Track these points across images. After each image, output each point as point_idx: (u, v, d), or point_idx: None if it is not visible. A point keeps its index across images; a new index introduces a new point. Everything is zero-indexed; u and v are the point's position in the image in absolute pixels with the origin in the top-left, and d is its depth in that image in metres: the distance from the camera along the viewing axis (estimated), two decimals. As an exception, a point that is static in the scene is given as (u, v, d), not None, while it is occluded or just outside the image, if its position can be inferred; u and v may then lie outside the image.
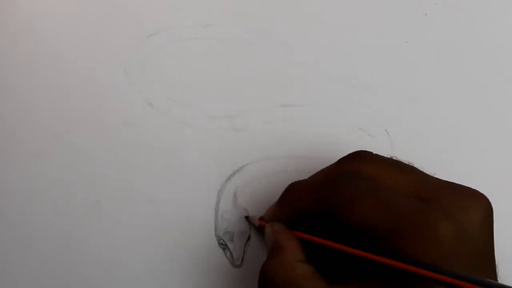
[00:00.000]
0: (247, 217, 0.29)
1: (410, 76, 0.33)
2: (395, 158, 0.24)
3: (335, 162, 0.25)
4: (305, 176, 0.27)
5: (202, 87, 0.32)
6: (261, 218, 0.27)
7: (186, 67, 0.32)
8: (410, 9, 0.34)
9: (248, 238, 0.29)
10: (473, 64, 0.33)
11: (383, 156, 0.24)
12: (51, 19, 0.33)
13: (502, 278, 0.22)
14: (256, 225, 0.28)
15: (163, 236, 0.29)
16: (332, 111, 0.32)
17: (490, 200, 0.23)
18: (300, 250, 0.23)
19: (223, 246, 0.29)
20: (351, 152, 0.24)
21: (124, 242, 0.29)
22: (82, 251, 0.29)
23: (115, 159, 0.30)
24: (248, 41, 0.33)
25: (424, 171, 0.23)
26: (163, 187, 0.30)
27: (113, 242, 0.29)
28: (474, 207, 0.21)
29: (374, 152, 0.24)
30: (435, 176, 0.23)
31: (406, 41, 0.33)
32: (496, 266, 0.22)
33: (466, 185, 0.22)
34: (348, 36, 0.33)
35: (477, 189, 0.22)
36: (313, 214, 0.23)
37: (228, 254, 0.28)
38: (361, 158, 0.24)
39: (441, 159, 0.31)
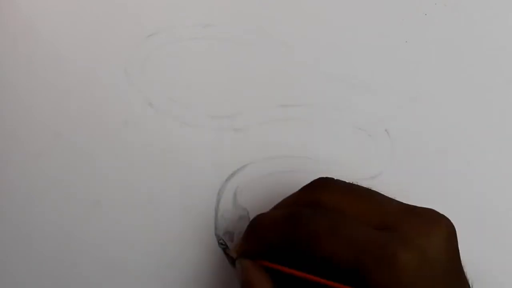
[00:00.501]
0: (224, 249, 0.28)
1: (410, 76, 0.33)
2: (355, 183, 0.24)
3: (299, 190, 0.25)
4: (305, 175, 0.27)
5: (202, 87, 0.32)
6: (220, 243, 0.27)
7: (186, 67, 0.32)
8: (410, 9, 0.34)
9: (248, 238, 0.29)
10: (473, 64, 0.33)
11: (344, 183, 0.24)
12: (51, 19, 0.33)
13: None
14: (233, 257, 0.27)
15: (163, 236, 0.29)
16: (332, 111, 0.32)
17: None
18: (269, 287, 0.23)
19: (223, 246, 0.29)
20: (312, 180, 0.25)
21: (124, 242, 0.29)
22: (82, 251, 0.29)
23: (115, 159, 0.30)
24: (248, 41, 0.33)
25: (384, 194, 0.24)
26: (163, 187, 0.30)
27: (113, 242, 0.29)
28: (435, 231, 0.21)
29: (335, 178, 0.24)
30: (396, 199, 0.23)
31: (406, 41, 0.33)
32: (471, 283, 0.22)
33: (426, 207, 0.22)
34: (348, 36, 0.33)
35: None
36: (281, 247, 0.23)
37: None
38: (322, 186, 0.24)
39: (441, 159, 0.31)
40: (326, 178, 0.25)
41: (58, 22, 0.33)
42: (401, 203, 0.23)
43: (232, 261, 0.28)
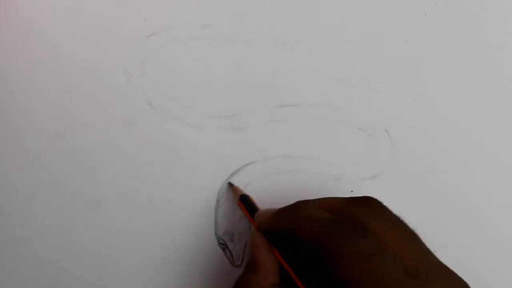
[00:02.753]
0: (231, 185, 0.28)
1: (410, 76, 0.33)
2: (401, 218, 0.24)
3: (346, 198, 0.24)
4: (304, 176, 0.27)
5: (202, 87, 0.32)
6: (241, 197, 0.27)
7: (186, 67, 0.32)
8: (410, 9, 0.34)
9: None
10: (473, 64, 0.33)
11: (392, 213, 0.24)
12: (51, 19, 0.33)
13: None
14: (235, 198, 0.27)
15: (163, 236, 0.29)
16: (332, 111, 0.32)
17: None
18: (275, 272, 0.23)
19: (223, 246, 0.29)
20: (363, 196, 0.24)
21: (124, 242, 0.29)
22: (82, 251, 0.29)
23: (115, 159, 0.30)
24: (248, 41, 0.33)
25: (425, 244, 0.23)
26: (163, 187, 0.30)
27: (113, 242, 0.29)
28: None
29: (383, 204, 0.24)
30: (435, 253, 0.23)
31: (406, 41, 0.33)
32: None
33: (458, 275, 0.22)
34: (348, 36, 0.33)
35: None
36: (303, 244, 0.23)
37: (228, 254, 0.28)
38: (369, 208, 0.23)
39: (441, 159, 0.31)
40: (377, 201, 0.24)
41: (58, 22, 0.33)
42: (438, 260, 0.23)
43: (232, 260, 0.28)
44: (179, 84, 0.32)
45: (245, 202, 0.27)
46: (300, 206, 0.24)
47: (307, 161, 0.30)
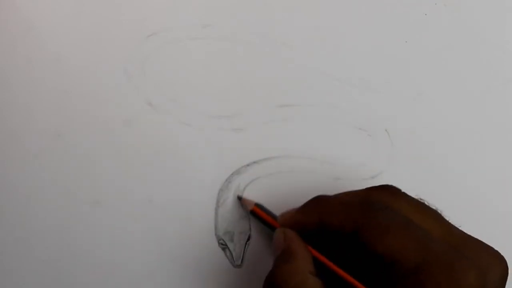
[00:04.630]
0: (240, 198, 0.28)
1: (410, 76, 0.33)
2: (421, 200, 0.24)
3: (364, 189, 0.25)
4: (304, 176, 0.27)
5: (202, 87, 0.32)
6: (257, 205, 0.27)
7: (186, 67, 0.32)
8: (410, 9, 0.34)
9: (248, 238, 0.29)
10: (473, 64, 0.33)
11: (412, 197, 0.24)
12: (51, 19, 0.33)
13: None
14: (247, 209, 0.27)
15: (163, 236, 0.29)
16: (332, 111, 0.32)
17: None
18: (311, 262, 0.23)
19: (223, 246, 0.29)
20: (381, 184, 0.24)
21: (124, 242, 0.29)
22: (82, 251, 0.29)
23: (115, 159, 0.30)
24: (247, 41, 0.33)
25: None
26: (163, 187, 0.30)
27: (113, 242, 0.29)
28: (496, 266, 0.22)
29: (397, 185, 0.24)
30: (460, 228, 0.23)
31: (406, 41, 0.33)
32: None
33: (491, 246, 0.23)
34: (348, 36, 0.33)
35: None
36: (335, 232, 0.23)
37: (228, 254, 0.28)
38: (392, 193, 0.24)
39: (440, 159, 0.31)
40: (395, 186, 0.24)
41: (58, 22, 0.33)
42: (465, 232, 0.23)
43: (232, 260, 0.28)
44: (179, 84, 0.32)
45: (262, 209, 0.27)
46: (322, 198, 0.24)
47: (307, 161, 0.30)
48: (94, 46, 0.33)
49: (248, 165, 0.30)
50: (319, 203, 0.24)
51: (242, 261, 0.28)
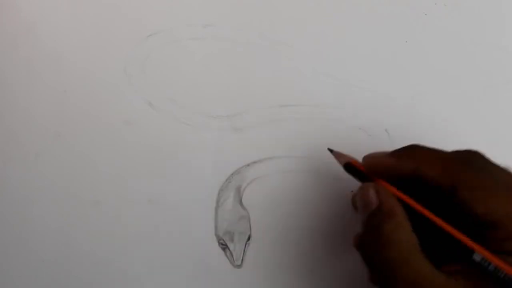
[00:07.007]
0: (331, 150, 0.27)
1: (410, 76, 0.33)
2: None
3: (451, 151, 0.23)
4: (304, 175, 0.27)
5: (202, 87, 0.32)
6: (346, 166, 0.25)
7: (186, 67, 0.32)
8: (410, 9, 0.34)
9: (248, 238, 0.29)
10: (473, 64, 0.33)
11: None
12: (51, 20, 0.33)
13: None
14: (340, 163, 0.25)
15: (163, 236, 0.29)
16: (332, 111, 0.32)
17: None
18: (408, 218, 0.22)
19: (223, 246, 0.29)
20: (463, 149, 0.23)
21: (124, 242, 0.29)
22: (82, 251, 0.29)
23: (115, 159, 0.30)
24: (248, 41, 0.33)
25: None
26: (163, 187, 0.30)
27: (113, 242, 0.29)
28: None
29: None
30: None
31: (406, 41, 0.33)
32: None
33: None
34: (348, 36, 0.33)
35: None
36: (429, 185, 0.21)
37: (228, 254, 0.28)
38: (484, 156, 0.23)
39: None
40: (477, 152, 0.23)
41: (58, 23, 0.33)
42: None
43: (232, 260, 0.28)
44: (179, 84, 0.32)
45: (350, 169, 0.25)
46: (419, 146, 0.23)
47: (307, 161, 0.30)
48: (94, 46, 0.33)
49: (248, 165, 0.30)
50: (416, 150, 0.23)
51: (242, 261, 0.28)
